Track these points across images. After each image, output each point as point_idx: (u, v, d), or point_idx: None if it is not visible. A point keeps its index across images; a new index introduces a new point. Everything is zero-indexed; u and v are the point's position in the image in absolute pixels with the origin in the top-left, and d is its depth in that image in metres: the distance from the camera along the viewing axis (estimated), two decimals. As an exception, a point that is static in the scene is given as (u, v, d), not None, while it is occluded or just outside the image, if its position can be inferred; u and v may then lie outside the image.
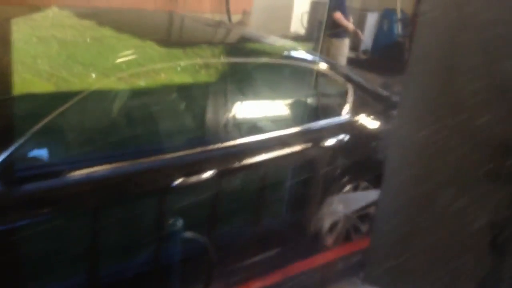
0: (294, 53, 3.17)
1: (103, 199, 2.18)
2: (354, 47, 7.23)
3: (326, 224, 3.03)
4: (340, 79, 3.09)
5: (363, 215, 3.19)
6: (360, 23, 7.67)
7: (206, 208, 2.49)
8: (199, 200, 2.35)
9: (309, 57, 3.17)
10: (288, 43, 3.74)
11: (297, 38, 7.22)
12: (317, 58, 3.21)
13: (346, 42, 5.92)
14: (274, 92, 2.97)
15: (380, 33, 8.26)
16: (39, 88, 2.25)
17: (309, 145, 2.84)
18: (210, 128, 2.51)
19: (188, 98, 2.67)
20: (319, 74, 3.04)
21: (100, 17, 3.29)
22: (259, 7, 6.50)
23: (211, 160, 2.44)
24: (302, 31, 7.84)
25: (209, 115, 2.52)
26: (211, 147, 2.46)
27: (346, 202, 3.09)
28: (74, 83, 2.17)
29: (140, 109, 2.49)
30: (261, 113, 2.92)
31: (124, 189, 2.24)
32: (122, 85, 2.35)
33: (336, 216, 3.08)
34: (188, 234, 2.26)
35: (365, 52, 8.17)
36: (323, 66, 3.11)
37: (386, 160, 1.40)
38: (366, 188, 3.16)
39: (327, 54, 5.88)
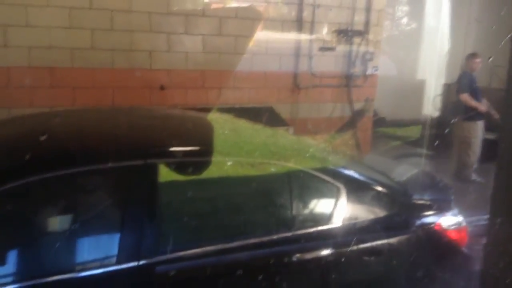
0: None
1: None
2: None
3: None
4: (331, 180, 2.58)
5: None
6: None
7: None
8: None
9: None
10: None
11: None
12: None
13: (479, 125, 5.65)
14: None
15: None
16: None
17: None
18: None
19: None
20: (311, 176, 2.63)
21: (237, 112, 3.68)
22: (387, 93, 6.57)
23: None
24: (435, 114, 7.67)
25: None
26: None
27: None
28: (211, 171, 2.43)
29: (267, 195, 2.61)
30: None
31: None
32: (253, 171, 2.56)
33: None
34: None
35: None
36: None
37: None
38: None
39: (458, 138, 5.66)
